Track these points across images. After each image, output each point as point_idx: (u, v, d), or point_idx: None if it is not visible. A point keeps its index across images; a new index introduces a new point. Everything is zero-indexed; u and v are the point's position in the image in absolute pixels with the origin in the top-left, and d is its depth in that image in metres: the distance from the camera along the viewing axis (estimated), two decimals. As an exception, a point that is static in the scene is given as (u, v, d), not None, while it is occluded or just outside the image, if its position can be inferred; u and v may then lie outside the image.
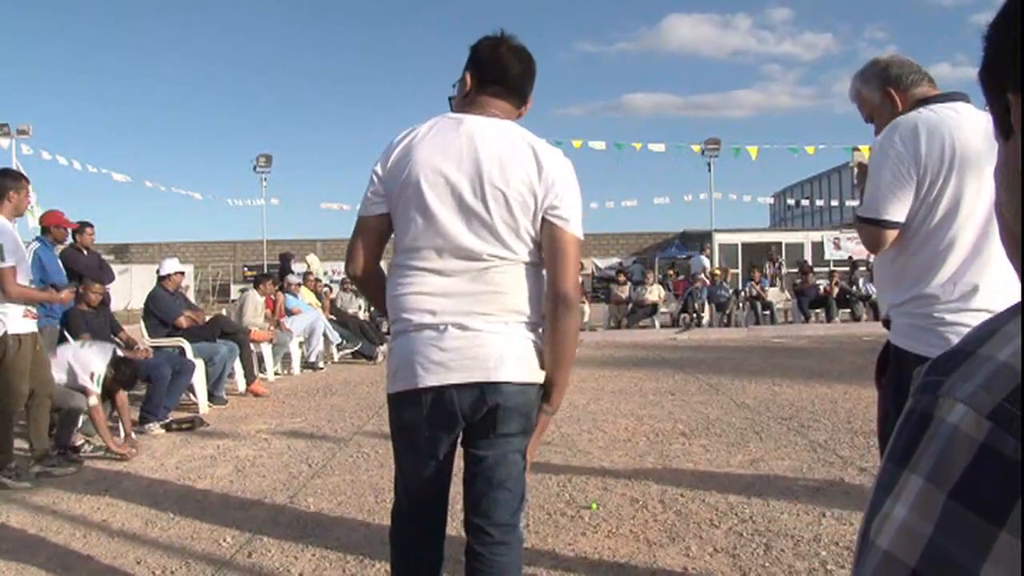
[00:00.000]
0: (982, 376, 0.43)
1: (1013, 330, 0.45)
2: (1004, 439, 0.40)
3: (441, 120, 2.05)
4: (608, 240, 34.33)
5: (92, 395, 5.41)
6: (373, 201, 2.05)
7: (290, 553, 3.56)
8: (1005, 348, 0.44)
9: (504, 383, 1.92)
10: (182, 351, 7.32)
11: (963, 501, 0.41)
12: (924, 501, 0.43)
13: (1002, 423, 0.41)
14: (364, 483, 4.66)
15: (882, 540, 0.44)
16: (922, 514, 0.42)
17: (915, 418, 0.46)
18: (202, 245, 34.90)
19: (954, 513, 0.41)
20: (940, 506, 0.42)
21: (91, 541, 3.79)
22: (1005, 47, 0.54)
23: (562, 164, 2.02)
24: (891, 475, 0.46)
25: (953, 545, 0.41)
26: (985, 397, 0.42)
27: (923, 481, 0.43)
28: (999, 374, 0.43)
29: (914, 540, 0.43)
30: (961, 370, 0.45)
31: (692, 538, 3.58)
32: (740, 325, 15.64)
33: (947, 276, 2.18)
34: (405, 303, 1.99)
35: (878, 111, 2.45)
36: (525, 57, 2.11)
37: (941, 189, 2.18)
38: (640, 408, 6.95)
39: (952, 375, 0.45)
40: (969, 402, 0.43)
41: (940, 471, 0.42)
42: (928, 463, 0.43)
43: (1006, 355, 0.43)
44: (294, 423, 6.70)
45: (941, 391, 0.45)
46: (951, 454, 0.42)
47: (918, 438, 0.45)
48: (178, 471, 5.13)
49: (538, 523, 3.81)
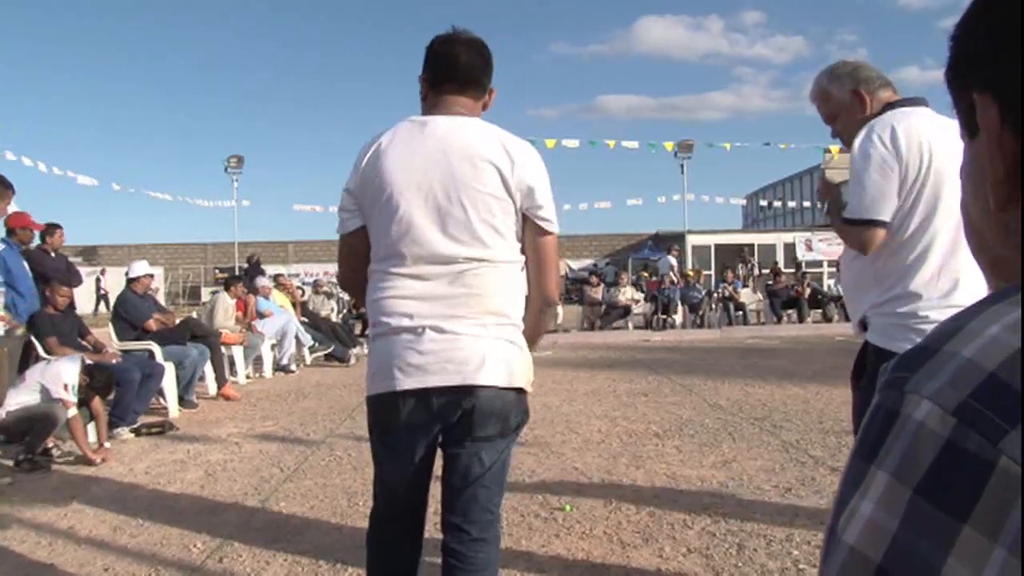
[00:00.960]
0: (948, 373, 0.44)
1: (978, 327, 0.46)
2: (969, 435, 0.41)
3: (405, 125, 2.05)
4: (581, 242, 34.45)
5: (70, 406, 5.33)
6: (347, 217, 2.06)
7: (261, 558, 3.53)
8: (970, 344, 0.44)
9: (481, 387, 1.92)
10: (152, 354, 7.23)
11: (928, 497, 0.42)
12: (890, 497, 0.43)
13: (967, 420, 0.41)
14: (337, 487, 4.63)
15: (848, 536, 0.45)
16: (888, 510, 0.43)
17: (881, 414, 0.47)
18: (172, 247, 34.55)
19: (919, 509, 0.42)
20: (905, 502, 0.42)
21: (56, 549, 3.73)
22: (970, 47, 0.55)
23: (533, 157, 2.03)
24: (858, 471, 0.46)
25: (918, 540, 0.41)
26: (950, 393, 0.43)
27: (889, 477, 0.44)
28: (964, 370, 0.43)
29: (880, 536, 0.43)
30: (927, 367, 0.46)
31: (665, 539, 3.60)
32: (713, 326, 15.76)
33: (929, 273, 2.21)
34: (383, 307, 1.99)
35: (846, 111, 2.45)
36: (475, 46, 2.08)
37: (920, 188, 2.22)
38: (613, 409, 6.97)
39: (918, 372, 0.46)
40: (935, 399, 0.43)
41: (906, 467, 0.43)
42: (894, 459, 0.44)
43: (971, 351, 0.44)
44: (266, 427, 6.64)
45: (907, 387, 0.46)
46: (917, 450, 0.43)
47: (884, 434, 0.45)
48: (147, 476, 5.07)
49: (511, 525, 3.81)
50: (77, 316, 7.07)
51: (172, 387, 7.26)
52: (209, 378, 8.21)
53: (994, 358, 0.42)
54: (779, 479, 4.50)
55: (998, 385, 0.41)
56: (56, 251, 7.51)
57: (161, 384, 7.00)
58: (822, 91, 2.51)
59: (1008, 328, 0.44)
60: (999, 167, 0.52)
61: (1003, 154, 0.51)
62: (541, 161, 2.05)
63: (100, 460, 5.35)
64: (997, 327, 0.44)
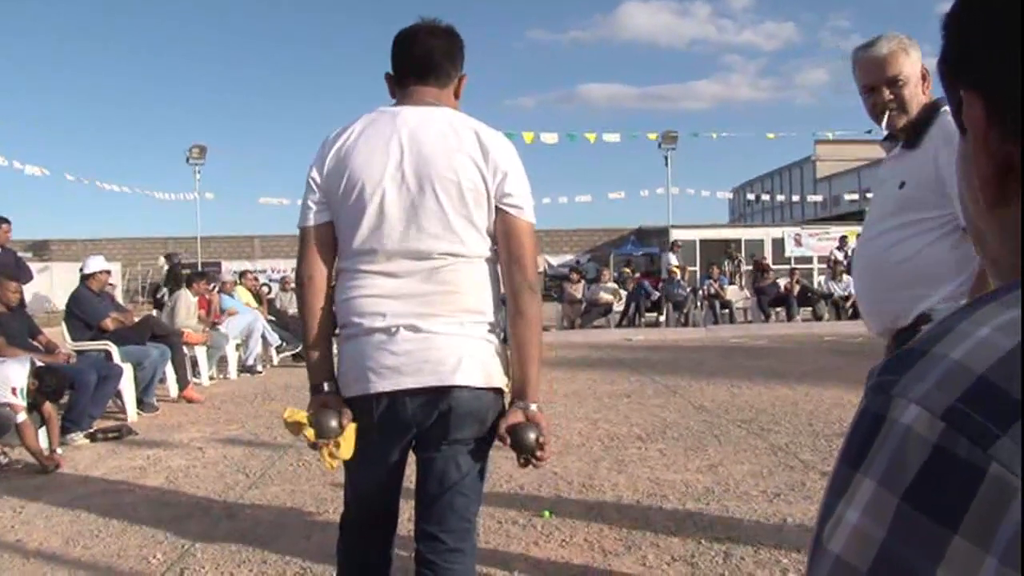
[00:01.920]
0: (936, 375, 0.44)
1: (968, 328, 0.46)
2: (958, 440, 0.41)
3: (376, 116, 2.03)
4: (561, 237, 34.48)
5: (19, 411, 5.26)
6: (314, 209, 2.02)
7: (226, 569, 3.50)
8: (960, 346, 0.45)
9: (458, 387, 1.91)
10: (108, 355, 7.15)
11: (916, 505, 0.42)
12: (876, 505, 0.43)
13: (955, 424, 0.41)
14: (305, 493, 4.61)
15: (834, 544, 0.45)
16: (875, 518, 0.43)
17: (868, 419, 0.47)
18: (130, 241, 34.16)
19: (907, 516, 0.42)
20: (893, 510, 0.43)
21: (3, 563, 3.68)
22: (959, 41, 0.55)
23: (506, 147, 2.02)
24: (844, 478, 0.46)
25: (906, 549, 0.41)
26: (939, 397, 0.43)
27: (875, 484, 0.44)
28: (953, 373, 0.44)
29: (866, 544, 0.43)
30: (915, 369, 0.46)
31: (649, 546, 3.61)
32: (698, 325, 15.87)
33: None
34: (354, 306, 1.97)
35: (914, 85, 2.36)
36: (435, 34, 2.08)
37: None
38: (595, 412, 6.99)
39: (906, 374, 0.46)
40: (922, 403, 0.43)
41: (893, 474, 0.43)
42: (880, 466, 0.44)
43: (960, 354, 0.44)
44: (230, 430, 6.60)
45: (895, 391, 0.46)
46: (904, 456, 0.43)
47: (871, 440, 0.45)
48: (104, 484, 5.01)
49: (488, 532, 3.81)
50: (27, 315, 6.98)
51: (130, 389, 7.18)
52: (170, 380, 8.13)
53: (984, 360, 0.43)
54: (767, 484, 4.53)
55: (988, 388, 0.41)
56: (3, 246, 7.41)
57: (119, 386, 6.92)
58: (903, 50, 2.37)
59: (999, 329, 0.44)
60: (985, 167, 0.53)
61: (989, 154, 0.52)
62: (515, 151, 2.04)
63: (52, 467, 5.28)
64: (987, 328, 0.44)
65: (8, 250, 7.59)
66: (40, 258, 27.28)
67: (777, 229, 29.92)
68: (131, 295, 29.49)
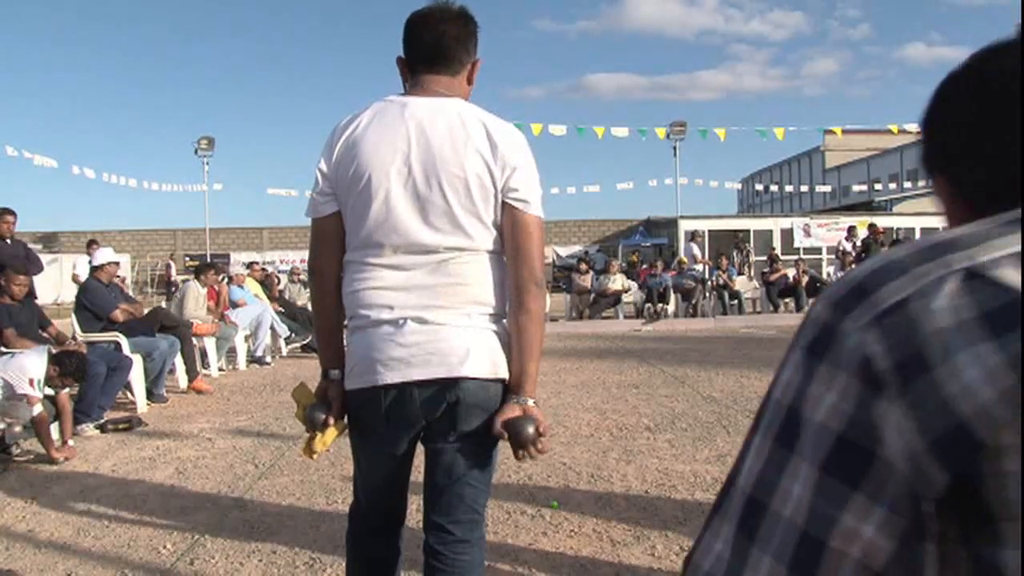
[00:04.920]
0: (842, 283, 0.65)
1: (874, 255, 0.69)
2: (832, 314, 0.63)
3: (384, 105, 2.00)
4: (570, 227, 34.45)
5: (35, 403, 5.28)
6: (322, 201, 2.01)
7: (235, 559, 3.51)
8: (863, 266, 0.66)
9: (466, 379, 1.90)
10: (118, 346, 7.17)
11: (807, 352, 0.64)
12: (795, 360, 0.65)
13: (837, 305, 0.63)
14: (314, 483, 4.62)
15: (775, 393, 0.67)
16: (794, 369, 0.65)
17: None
18: (139, 233, 34.27)
19: (802, 359, 0.64)
20: (801, 359, 0.64)
21: (15, 553, 3.70)
22: (927, 134, 0.77)
23: (516, 140, 1.98)
24: (785, 354, 0.68)
25: (801, 380, 0.63)
26: (834, 293, 0.65)
27: (799, 349, 0.65)
28: (848, 280, 0.65)
29: (787, 387, 0.65)
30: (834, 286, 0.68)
31: (658, 537, 3.60)
32: (707, 315, 15.81)
33: None
34: (362, 298, 1.96)
35: None
36: (448, 19, 2.02)
37: None
38: (603, 402, 6.99)
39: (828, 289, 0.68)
40: (827, 299, 0.65)
41: (804, 340, 0.65)
42: (803, 337, 0.66)
43: (856, 272, 0.65)
44: (239, 421, 6.62)
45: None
46: (810, 328, 0.65)
47: (803, 325, 0.67)
48: (114, 474, 5.03)
49: (496, 523, 3.81)
50: (37, 306, 7.00)
51: (140, 381, 7.21)
52: (179, 371, 8.15)
53: (864, 273, 0.64)
54: (775, 474, 4.51)
55: (861, 287, 0.63)
56: (10, 238, 7.43)
57: (128, 378, 6.95)
58: None
59: (880, 258, 0.64)
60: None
61: (958, 223, 0.70)
62: (525, 143, 2.01)
63: (63, 458, 5.31)
64: (876, 258, 0.65)
65: (18, 241, 7.62)
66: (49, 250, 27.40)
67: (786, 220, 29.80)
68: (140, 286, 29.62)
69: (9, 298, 6.37)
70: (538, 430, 1.94)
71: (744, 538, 0.64)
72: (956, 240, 0.62)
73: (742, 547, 0.64)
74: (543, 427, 1.96)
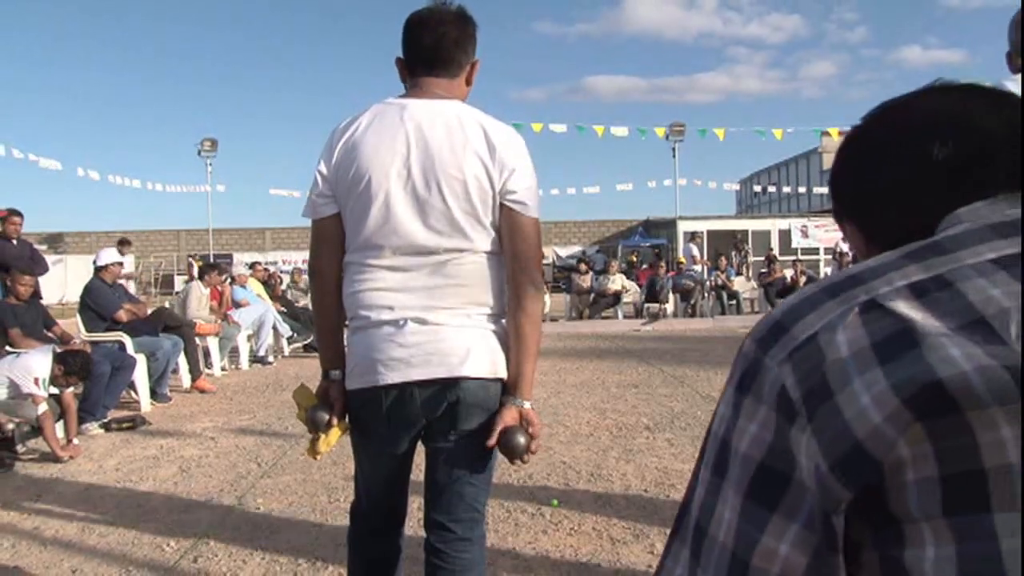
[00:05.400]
0: (765, 322, 0.70)
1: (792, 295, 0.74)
2: (756, 351, 0.69)
3: (383, 108, 2.00)
4: (569, 228, 34.45)
5: (40, 402, 5.29)
6: (321, 203, 2.01)
7: (238, 557, 3.52)
8: (782, 306, 0.71)
9: (466, 378, 1.91)
10: (122, 346, 7.18)
11: (737, 389, 0.69)
12: (727, 397, 0.71)
13: (759, 343, 0.69)
14: (316, 482, 4.62)
15: (715, 428, 0.72)
16: (725, 404, 0.71)
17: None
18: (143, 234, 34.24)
19: (731, 396, 0.70)
20: (731, 396, 0.70)
21: (20, 550, 3.70)
22: (836, 187, 0.86)
23: (514, 142, 1.98)
24: (723, 391, 0.73)
25: (729, 414, 0.69)
26: (759, 332, 0.70)
27: (729, 387, 0.71)
28: (769, 319, 0.70)
29: (720, 420, 0.71)
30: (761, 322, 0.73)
31: (657, 535, 3.61)
32: (705, 315, 15.81)
33: None
34: (362, 299, 1.97)
35: None
36: (447, 19, 2.02)
37: None
38: (603, 402, 6.99)
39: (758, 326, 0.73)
40: (753, 336, 0.71)
41: (735, 377, 0.70)
42: (733, 374, 0.71)
43: (777, 310, 0.71)
44: (242, 420, 6.62)
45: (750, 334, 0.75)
46: (739, 366, 0.70)
47: (736, 365, 0.72)
48: (118, 473, 5.04)
49: (497, 521, 3.81)
50: (42, 306, 7.01)
51: (144, 380, 7.22)
52: (183, 370, 8.17)
53: (783, 311, 0.69)
54: (773, 473, 4.52)
55: (779, 324, 0.68)
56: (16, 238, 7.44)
57: (132, 377, 6.95)
58: None
59: (797, 295, 0.70)
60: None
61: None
62: (523, 145, 2.01)
63: (68, 457, 5.32)
64: (794, 297, 0.70)
65: (23, 242, 7.62)
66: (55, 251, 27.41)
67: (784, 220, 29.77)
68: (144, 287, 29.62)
69: (15, 298, 6.38)
70: (530, 438, 1.94)
71: (694, 561, 0.70)
72: (861, 274, 0.67)
73: (693, 570, 0.70)
74: (535, 431, 1.96)
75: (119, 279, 8.01)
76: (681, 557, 0.73)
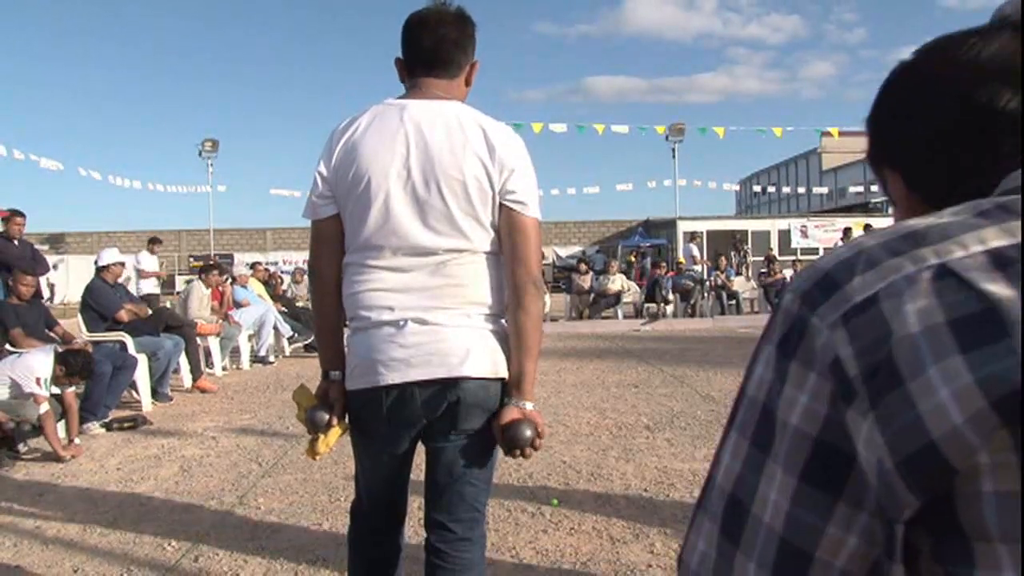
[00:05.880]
0: (807, 274, 0.63)
1: (836, 247, 0.65)
2: (801, 308, 0.61)
3: (383, 109, 2.00)
4: (569, 228, 34.45)
5: (42, 402, 5.28)
6: (321, 203, 2.00)
7: (239, 557, 3.51)
8: (827, 257, 0.63)
9: (466, 379, 1.90)
10: (123, 346, 7.17)
11: (780, 349, 0.62)
12: (767, 356, 0.63)
13: (804, 299, 0.61)
14: (317, 482, 4.62)
15: (749, 390, 0.65)
16: (765, 364, 0.63)
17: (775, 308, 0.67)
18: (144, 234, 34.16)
19: (775, 358, 0.62)
20: (772, 355, 0.63)
21: (22, 550, 3.70)
22: (878, 131, 0.77)
23: (514, 143, 1.98)
24: (758, 348, 0.66)
25: (772, 377, 0.62)
26: (802, 285, 0.62)
27: (769, 344, 0.64)
28: (815, 272, 0.63)
29: (760, 383, 0.63)
30: (801, 275, 0.65)
31: (656, 535, 3.61)
32: (705, 315, 15.80)
33: None
34: (362, 300, 1.96)
35: None
36: (446, 20, 2.02)
37: None
38: (603, 401, 6.99)
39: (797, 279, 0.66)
40: (795, 291, 0.63)
41: (773, 335, 0.63)
42: (772, 332, 0.64)
43: (822, 262, 0.63)
44: (243, 420, 6.62)
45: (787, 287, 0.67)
46: (780, 323, 0.63)
47: (772, 319, 0.65)
48: (119, 473, 5.03)
49: (497, 520, 3.81)
50: (44, 306, 7.00)
51: (145, 380, 7.21)
52: (184, 370, 8.16)
53: (832, 264, 0.61)
54: (773, 472, 4.52)
55: (828, 278, 0.60)
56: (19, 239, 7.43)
57: (134, 377, 6.95)
58: None
59: (848, 248, 0.62)
60: None
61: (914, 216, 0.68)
62: (522, 146, 2.01)
63: (70, 456, 5.31)
64: (844, 248, 0.62)
65: (24, 242, 7.62)
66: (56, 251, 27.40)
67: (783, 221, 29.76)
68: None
69: (16, 298, 6.37)
70: (537, 433, 1.94)
71: (728, 541, 0.62)
72: (925, 231, 0.58)
73: (726, 551, 0.62)
74: (541, 430, 1.96)
75: (147, 276, 8.00)
76: (704, 529, 0.65)
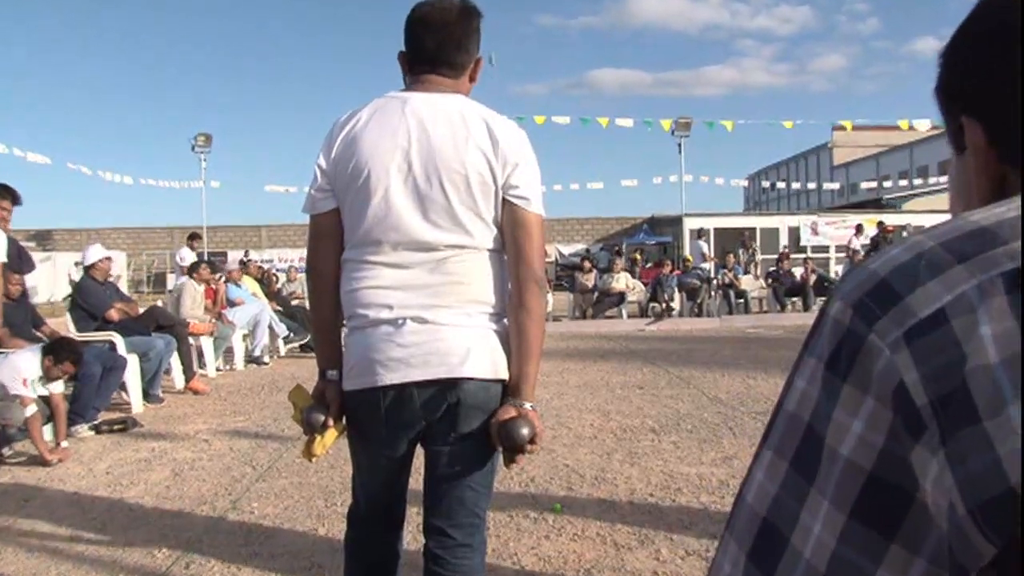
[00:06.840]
0: (857, 280, 0.58)
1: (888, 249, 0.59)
2: (856, 321, 0.55)
3: (384, 102, 2.00)
4: (572, 225, 34.46)
5: (28, 404, 5.27)
6: (320, 197, 2.00)
7: (232, 563, 3.51)
8: (878, 260, 0.58)
9: (466, 379, 1.90)
10: (113, 346, 7.15)
11: (830, 367, 0.56)
12: (811, 373, 0.58)
13: (858, 310, 0.55)
14: (313, 485, 4.61)
15: (788, 405, 0.60)
16: (810, 383, 0.58)
17: (819, 315, 0.61)
18: (135, 231, 34.30)
19: (824, 377, 0.57)
20: (820, 375, 0.57)
21: (6, 558, 3.69)
22: (959, 72, 0.66)
23: (517, 137, 1.98)
24: (799, 359, 0.61)
25: (822, 398, 0.56)
26: (854, 293, 0.57)
27: (814, 359, 0.58)
28: (867, 278, 0.57)
29: (806, 400, 0.58)
30: (850, 277, 0.60)
31: (662, 541, 3.60)
32: (712, 315, 15.79)
33: None
34: (360, 298, 1.96)
35: None
36: (450, 16, 2.01)
37: None
38: (607, 403, 6.98)
39: (844, 282, 0.60)
40: (845, 298, 0.57)
41: (821, 349, 0.58)
42: (817, 345, 0.59)
43: (875, 264, 0.58)
44: (237, 422, 6.61)
45: (834, 292, 0.60)
46: (828, 337, 0.57)
47: (816, 329, 0.60)
48: (108, 477, 5.03)
49: (498, 526, 3.80)
50: (31, 305, 7.00)
51: (136, 381, 7.21)
52: (176, 371, 8.15)
53: (888, 268, 0.56)
54: (783, 476, 4.51)
55: (883, 285, 0.55)
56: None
57: (124, 378, 6.94)
58: None
59: (905, 249, 0.56)
60: (985, 187, 0.63)
61: (989, 175, 0.63)
62: (526, 140, 2.01)
63: (57, 460, 5.30)
64: (899, 249, 0.57)
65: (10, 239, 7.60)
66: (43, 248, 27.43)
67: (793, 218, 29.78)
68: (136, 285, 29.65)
69: (4, 297, 6.36)
70: (533, 430, 1.93)
71: (756, 568, 0.58)
72: (998, 227, 0.52)
73: None
74: (539, 431, 1.95)
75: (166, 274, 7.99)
76: (730, 551, 0.61)
